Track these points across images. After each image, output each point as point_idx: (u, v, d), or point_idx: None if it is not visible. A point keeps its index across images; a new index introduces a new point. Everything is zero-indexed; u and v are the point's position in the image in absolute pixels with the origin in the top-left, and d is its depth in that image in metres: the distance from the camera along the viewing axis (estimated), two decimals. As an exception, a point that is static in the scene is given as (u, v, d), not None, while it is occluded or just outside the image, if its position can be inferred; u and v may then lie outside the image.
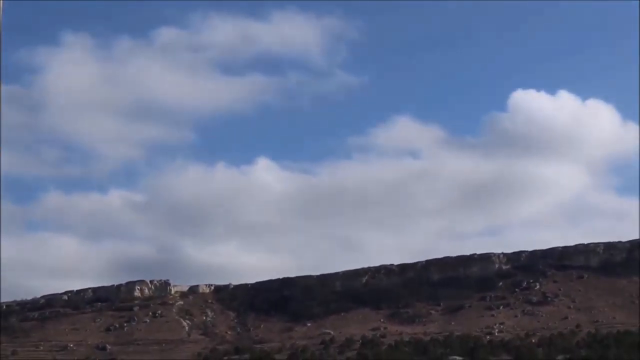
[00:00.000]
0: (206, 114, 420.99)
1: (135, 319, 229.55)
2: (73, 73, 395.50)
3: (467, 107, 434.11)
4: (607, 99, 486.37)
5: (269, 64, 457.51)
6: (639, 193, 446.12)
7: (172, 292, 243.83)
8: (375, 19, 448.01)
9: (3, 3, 27.08)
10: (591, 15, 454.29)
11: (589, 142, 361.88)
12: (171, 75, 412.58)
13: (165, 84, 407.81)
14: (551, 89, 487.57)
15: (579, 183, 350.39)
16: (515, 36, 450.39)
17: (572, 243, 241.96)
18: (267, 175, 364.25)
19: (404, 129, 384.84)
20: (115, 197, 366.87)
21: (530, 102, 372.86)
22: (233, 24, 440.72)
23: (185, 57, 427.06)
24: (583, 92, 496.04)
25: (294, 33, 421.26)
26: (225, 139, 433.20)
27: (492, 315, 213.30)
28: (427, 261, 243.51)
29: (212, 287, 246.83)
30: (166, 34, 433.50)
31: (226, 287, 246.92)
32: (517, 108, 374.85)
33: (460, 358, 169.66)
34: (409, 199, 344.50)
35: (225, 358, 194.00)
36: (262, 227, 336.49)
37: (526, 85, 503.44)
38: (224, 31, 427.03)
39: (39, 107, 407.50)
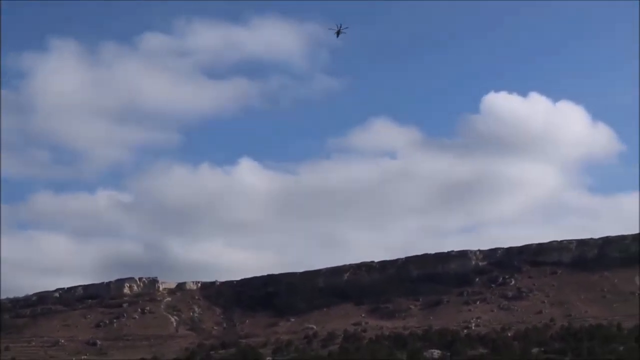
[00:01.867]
0: (191, 117, 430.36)
1: (125, 315, 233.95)
2: (61, 77, 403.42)
3: (442, 109, 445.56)
4: (577, 100, 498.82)
5: (252, 68, 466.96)
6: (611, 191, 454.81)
7: (160, 289, 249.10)
8: (355, 24, 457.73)
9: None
10: (560, 19, 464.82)
11: (561, 142, 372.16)
12: (157, 79, 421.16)
13: (151, 87, 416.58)
14: (523, 91, 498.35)
15: (552, 182, 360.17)
16: (488, 40, 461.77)
17: (546, 240, 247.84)
18: (250, 175, 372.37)
19: (382, 131, 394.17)
20: (104, 197, 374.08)
21: (502, 104, 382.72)
22: (216, 29, 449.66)
23: (170, 61, 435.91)
24: (554, 93, 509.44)
25: (276, 38, 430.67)
26: (210, 140, 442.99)
27: (470, 310, 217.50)
28: (406, 258, 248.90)
29: (199, 284, 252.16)
30: (151, 39, 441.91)
31: (212, 284, 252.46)
32: (490, 110, 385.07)
33: (439, 351, 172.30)
34: (388, 198, 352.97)
35: (212, 352, 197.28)
36: (247, 226, 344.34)
37: (498, 88, 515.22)
38: (208, 36, 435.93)
39: (28, 110, 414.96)
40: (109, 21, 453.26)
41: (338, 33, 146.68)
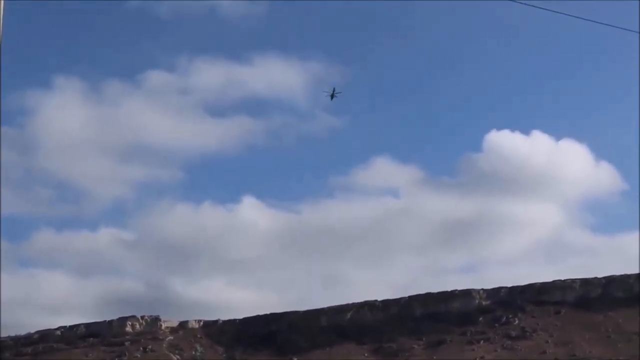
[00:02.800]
0: (194, 155, 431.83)
1: (127, 353, 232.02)
2: (64, 115, 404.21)
3: (444, 148, 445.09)
4: (580, 138, 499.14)
5: (255, 106, 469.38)
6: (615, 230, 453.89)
7: (163, 327, 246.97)
8: (356, 63, 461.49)
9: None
10: (562, 56, 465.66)
11: (563, 180, 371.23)
12: (160, 117, 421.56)
13: (154, 125, 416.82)
14: (525, 129, 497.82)
15: (554, 221, 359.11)
16: (489, 78, 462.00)
17: (549, 279, 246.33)
18: (252, 213, 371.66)
19: (384, 169, 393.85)
20: (106, 235, 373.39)
21: (504, 142, 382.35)
22: (219, 67, 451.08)
23: (173, 99, 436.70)
24: (556, 131, 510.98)
25: (278, 76, 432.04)
26: (212, 178, 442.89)
27: (473, 350, 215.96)
28: (409, 297, 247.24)
29: (202, 323, 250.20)
30: (154, 77, 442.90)
31: (215, 322, 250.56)
32: (492, 148, 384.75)
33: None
34: (390, 237, 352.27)
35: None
36: (249, 264, 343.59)
37: (500, 126, 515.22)
38: (210, 74, 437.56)
39: (32, 148, 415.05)
40: (113, 59, 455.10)
41: (332, 96, 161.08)
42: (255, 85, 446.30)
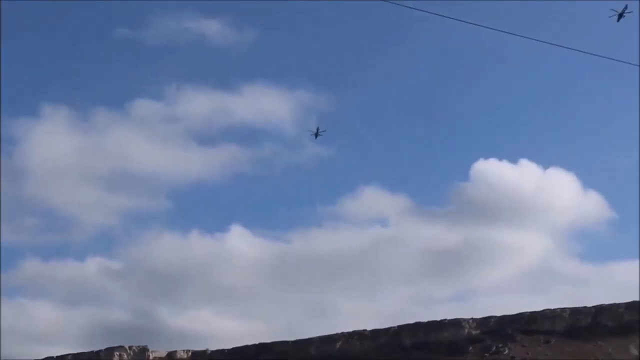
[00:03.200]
0: (181, 183, 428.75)
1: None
2: (52, 143, 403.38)
3: (433, 177, 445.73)
4: (567, 166, 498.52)
5: (243, 134, 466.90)
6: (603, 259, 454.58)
7: (151, 357, 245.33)
8: (344, 91, 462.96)
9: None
10: (550, 84, 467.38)
11: (551, 209, 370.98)
12: (147, 145, 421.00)
13: (141, 154, 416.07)
14: (513, 158, 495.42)
15: (543, 250, 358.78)
16: (477, 106, 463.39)
17: (539, 308, 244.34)
18: (241, 242, 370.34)
19: (372, 198, 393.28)
20: (93, 264, 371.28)
21: (492, 171, 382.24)
22: (207, 96, 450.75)
23: (161, 127, 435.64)
24: (544, 160, 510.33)
25: (266, 105, 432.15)
26: (200, 207, 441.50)
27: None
28: (399, 326, 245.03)
29: (190, 353, 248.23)
30: (142, 105, 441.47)
31: (203, 352, 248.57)
32: (480, 177, 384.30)
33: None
34: (379, 266, 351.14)
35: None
36: (237, 293, 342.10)
37: (488, 155, 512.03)
38: (198, 103, 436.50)
39: (20, 177, 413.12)
40: (101, 87, 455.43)
41: (316, 135, 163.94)
42: (244, 114, 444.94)
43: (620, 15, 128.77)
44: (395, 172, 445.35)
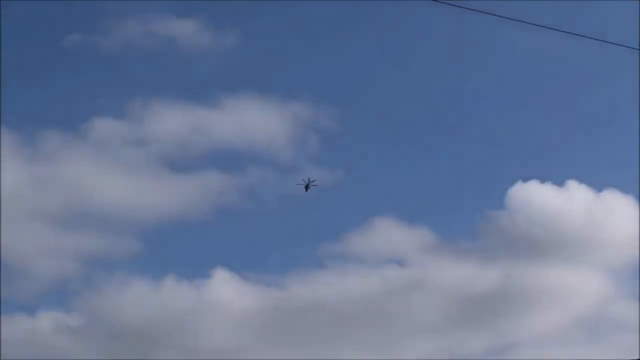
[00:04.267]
0: (152, 219, 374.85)
1: None
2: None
3: (459, 206, 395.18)
4: (625, 188, 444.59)
5: (226, 158, 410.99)
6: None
7: None
8: (349, 103, 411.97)
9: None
10: (599, 90, 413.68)
11: (607, 242, 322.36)
12: (110, 173, 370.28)
13: (103, 184, 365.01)
14: (558, 179, 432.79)
15: (597, 291, 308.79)
16: (511, 116, 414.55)
17: None
18: (226, 289, 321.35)
19: (386, 233, 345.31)
20: (47, 320, 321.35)
21: (532, 196, 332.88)
22: (179, 112, 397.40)
23: (125, 152, 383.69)
24: (597, 181, 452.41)
25: (253, 122, 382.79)
26: (176, 247, 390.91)
27: None
28: None
29: None
30: (101, 125, 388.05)
31: None
32: (517, 205, 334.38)
33: None
34: (397, 316, 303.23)
35: None
36: (223, 353, 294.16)
37: (527, 176, 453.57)
38: (170, 121, 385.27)
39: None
40: (50, 106, 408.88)
41: (307, 187, 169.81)
42: (226, 133, 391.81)
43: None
44: (414, 200, 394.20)
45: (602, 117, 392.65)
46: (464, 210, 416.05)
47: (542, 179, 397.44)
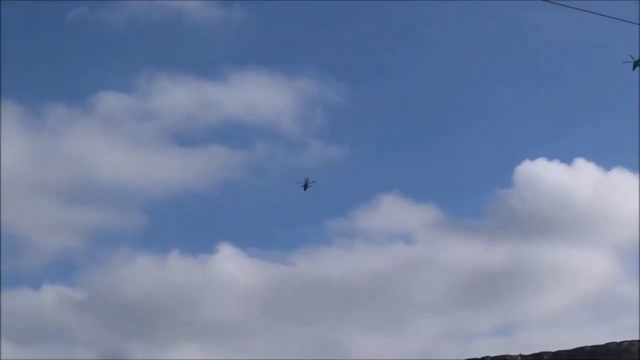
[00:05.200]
0: (157, 193, 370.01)
1: None
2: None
3: (466, 183, 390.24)
4: (633, 167, 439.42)
5: (232, 133, 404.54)
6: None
7: None
8: (356, 78, 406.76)
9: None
10: (609, 64, 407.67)
11: (615, 220, 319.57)
12: (115, 147, 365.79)
13: (108, 158, 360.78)
14: (566, 157, 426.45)
15: (606, 270, 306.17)
16: (519, 92, 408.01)
17: (602, 341, 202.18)
18: (231, 265, 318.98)
19: (393, 210, 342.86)
20: (51, 294, 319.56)
21: (540, 174, 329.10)
22: (186, 87, 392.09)
23: (131, 126, 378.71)
24: (605, 159, 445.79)
25: (260, 96, 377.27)
26: (181, 222, 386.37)
27: None
28: None
29: None
30: (106, 99, 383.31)
31: None
32: (524, 182, 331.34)
33: None
34: (403, 293, 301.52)
35: None
36: (228, 328, 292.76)
37: (535, 154, 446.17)
38: (176, 95, 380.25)
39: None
40: (56, 79, 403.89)
41: (305, 187, 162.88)
42: (232, 108, 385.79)
43: (636, 64, 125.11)
44: (421, 177, 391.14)
45: (611, 96, 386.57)
46: (471, 188, 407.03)
47: (550, 157, 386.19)
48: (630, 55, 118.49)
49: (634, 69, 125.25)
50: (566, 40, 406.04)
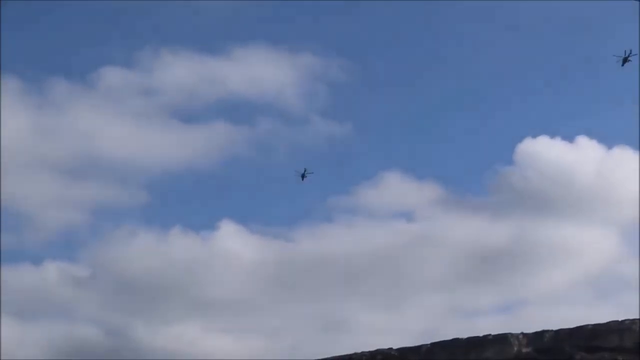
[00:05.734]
0: (160, 170, 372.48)
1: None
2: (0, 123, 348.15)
3: (468, 161, 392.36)
4: (635, 145, 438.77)
5: (235, 109, 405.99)
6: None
7: None
8: (360, 55, 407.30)
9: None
10: (612, 40, 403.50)
11: (618, 199, 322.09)
12: (118, 124, 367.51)
13: (110, 134, 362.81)
14: (568, 135, 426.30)
15: (608, 248, 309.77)
16: (520, 70, 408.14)
17: (603, 320, 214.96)
18: (233, 241, 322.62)
19: (396, 187, 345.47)
20: (53, 270, 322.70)
21: (542, 151, 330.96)
22: (189, 62, 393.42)
23: (133, 102, 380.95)
24: (608, 137, 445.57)
25: (263, 72, 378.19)
26: (183, 199, 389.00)
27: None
28: (432, 344, 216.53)
29: None
30: (109, 75, 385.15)
31: None
32: (526, 160, 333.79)
33: None
34: (406, 270, 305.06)
35: None
36: (230, 305, 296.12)
37: (536, 132, 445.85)
38: (179, 71, 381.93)
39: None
40: (58, 54, 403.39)
41: (303, 177, 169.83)
42: (235, 84, 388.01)
43: (625, 60, 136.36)
44: (423, 154, 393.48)
45: (615, 74, 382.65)
46: (473, 165, 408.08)
47: (552, 134, 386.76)
48: (615, 55, 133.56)
49: (622, 65, 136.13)
50: (569, 18, 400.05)
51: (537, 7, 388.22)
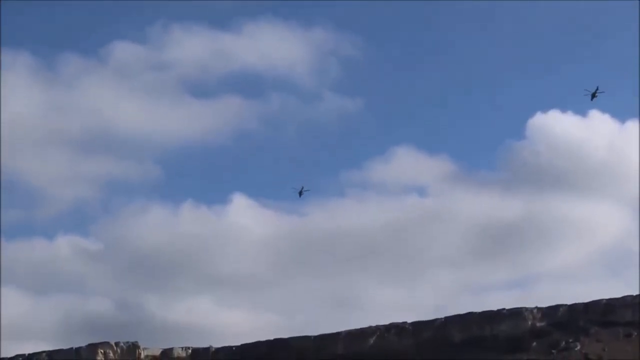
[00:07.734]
0: (172, 145, 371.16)
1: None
2: (12, 99, 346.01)
3: (480, 135, 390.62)
4: None
5: (246, 84, 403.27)
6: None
7: (142, 356, 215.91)
8: (372, 31, 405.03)
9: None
10: (622, 15, 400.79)
11: (631, 173, 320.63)
12: (130, 99, 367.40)
13: (122, 109, 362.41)
14: (580, 109, 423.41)
15: (622, 223, 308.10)
16: (530, 45, 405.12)
17: (618, 295, 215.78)
18: (245, 216, 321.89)
19: (407, 162, 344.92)
20: (65, 244, 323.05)
21: (554, 126, 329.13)
22: (201, 37, 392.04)
23: (145, 77, 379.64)
24: (620, 111, 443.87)
25: (275, 47, 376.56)
26: (195, 173, 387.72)
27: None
28: (446, 318, 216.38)
29: (189, 350, 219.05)
30: (121, 50, 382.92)
31: (206, 350, 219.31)
32: (537, 135, 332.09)
33: None
34: (419, 245, 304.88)
35: None
36: (243, 279, 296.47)
37: (547, 106, 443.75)
38: (191, 46, 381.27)
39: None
40: (70, 29, 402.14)
41: (300, 193, 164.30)
42: (247, 59, 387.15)
43: (593, 95, 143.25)
44: (434, 129, 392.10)
45: (627, 49, 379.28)
46: (485, 140, 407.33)
47: (564, 109, 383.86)
48: (586, 89, 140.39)
49: (592, 99, 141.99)
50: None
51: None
